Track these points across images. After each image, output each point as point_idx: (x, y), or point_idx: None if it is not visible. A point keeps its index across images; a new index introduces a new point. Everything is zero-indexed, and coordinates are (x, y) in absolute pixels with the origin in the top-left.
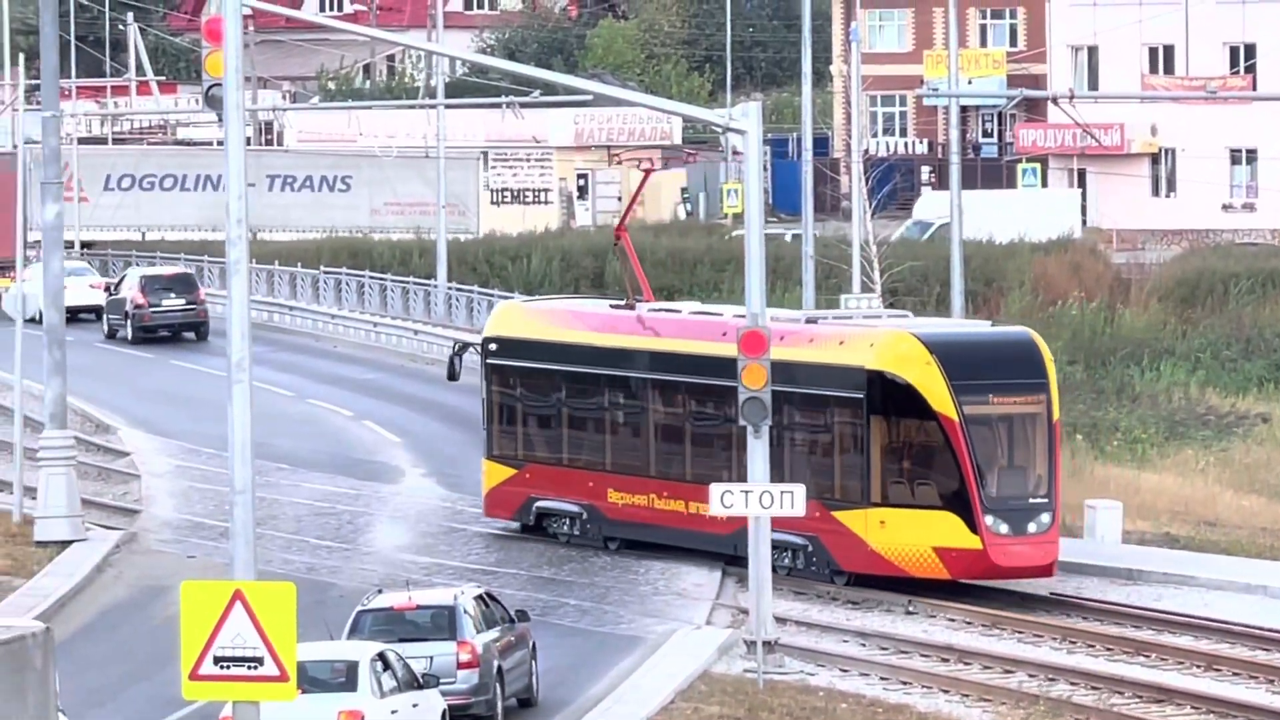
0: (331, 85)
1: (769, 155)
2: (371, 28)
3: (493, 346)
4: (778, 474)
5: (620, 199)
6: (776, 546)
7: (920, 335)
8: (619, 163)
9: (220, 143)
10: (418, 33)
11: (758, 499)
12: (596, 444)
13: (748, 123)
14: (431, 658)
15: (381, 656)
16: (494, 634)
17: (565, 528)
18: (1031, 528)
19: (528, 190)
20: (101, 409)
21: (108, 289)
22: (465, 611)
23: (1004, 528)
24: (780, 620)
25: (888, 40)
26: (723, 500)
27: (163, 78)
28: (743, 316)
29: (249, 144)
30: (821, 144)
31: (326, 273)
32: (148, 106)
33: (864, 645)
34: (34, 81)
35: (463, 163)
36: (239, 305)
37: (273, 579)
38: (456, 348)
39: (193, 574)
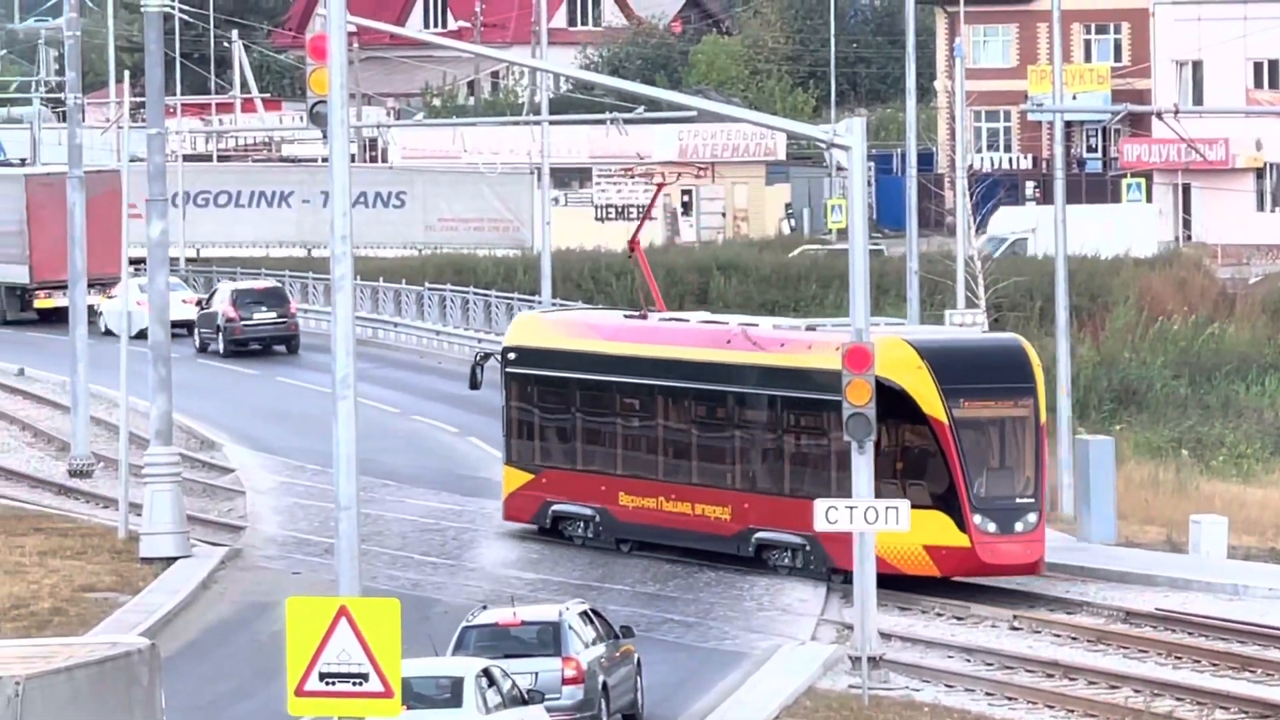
0: (436, 102)
1: (873, 171)
2: (476, 44)
3: (512, 356)
4: (776, 477)
5: (724, 214)
6: (776, 546)
7: (912, 341)
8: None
9: (324, 160)
10: (521, 49)
11: (862, 515)
12: (608, 449)
13: (852, 138)
14: (536, 673)
15: (486, 672)
16: (599, 650)
17: (579, 530)
18: (1018, 527)
19: (631, 206)
20: (206, 425)
21: (199, 304)
22: (570, 627)
23: (991, 527)
24: (885, 636)
25: (992, 55)
26: (827, 516)
27: (267, 95)
28: (750, 324)
29: (353, 161)
30: (926, 160)
31: (430, 289)
32: (252, 124)
33: (969, 660)
34: (139, 99)
35: (516, 177)
36: (343, 321)
37: (378, 595)
38: (478, 357)
39: (298, 590)
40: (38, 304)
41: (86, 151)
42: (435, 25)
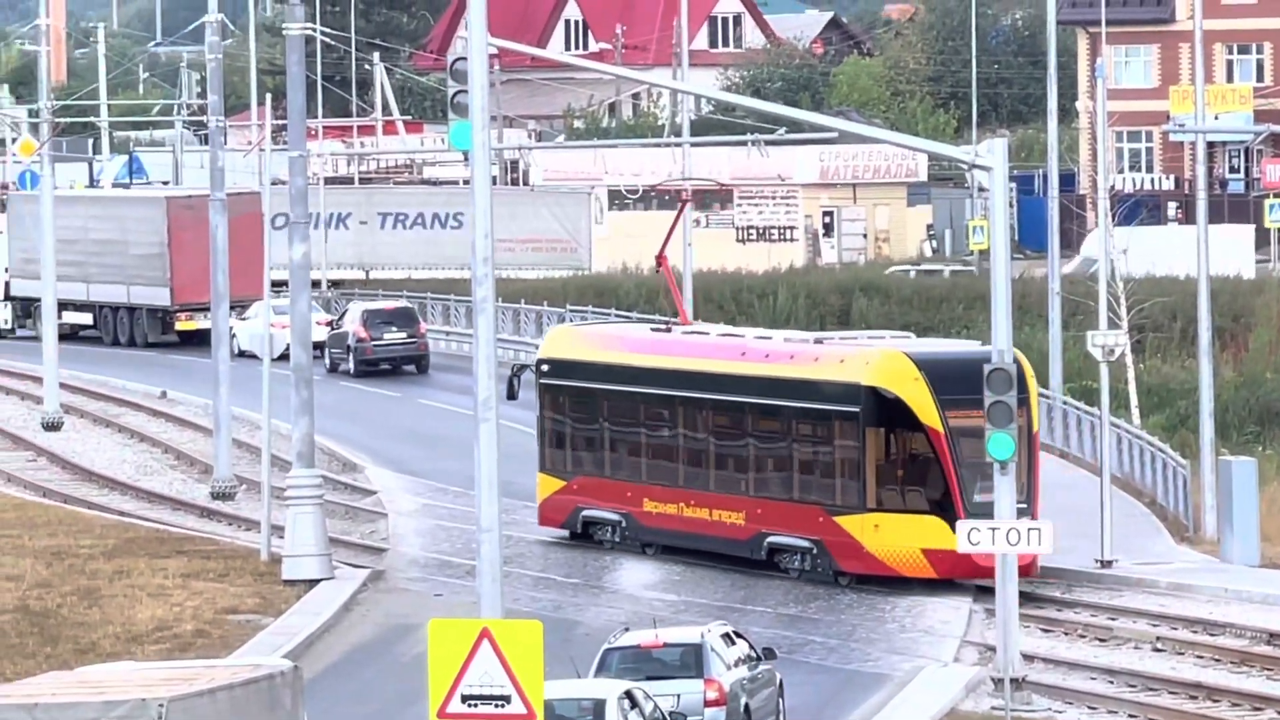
0: (578, 124)
1: (1014, 192)
2: (617, 66)
3: (545, 367)
4: (785, 483)
5: (865, 235)
6: (786, 550)
7: (910, 354)
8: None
9: (466, 182)
10: (663, 71)
11: (1004, 536)
12: (633, 457)
13: (993, 159)
14: (679, 695)
15: (629, 695)
16: (741, 671)
17: (607, 535)
18: None
19: (773, 227)
20: (348, 447)
21: (330, 324)
22: (713, 649)
23: None
24: (1027, 657)
25: (1133, 76)
26: (969, 537)
27: (408, 117)
28: (767, 338)
29: (494, 183)
30: (1067, 180)
31: (572, 310)
32: (393, 146)
33: (1111, 682)
34: (280, 121)
35: (574, 197)
36: (485, 344)
37: (520, 617)
38: (515, 369)
39: (440, 612)
40: (179, 326)
41: (228, 174)
42: (576, 47)
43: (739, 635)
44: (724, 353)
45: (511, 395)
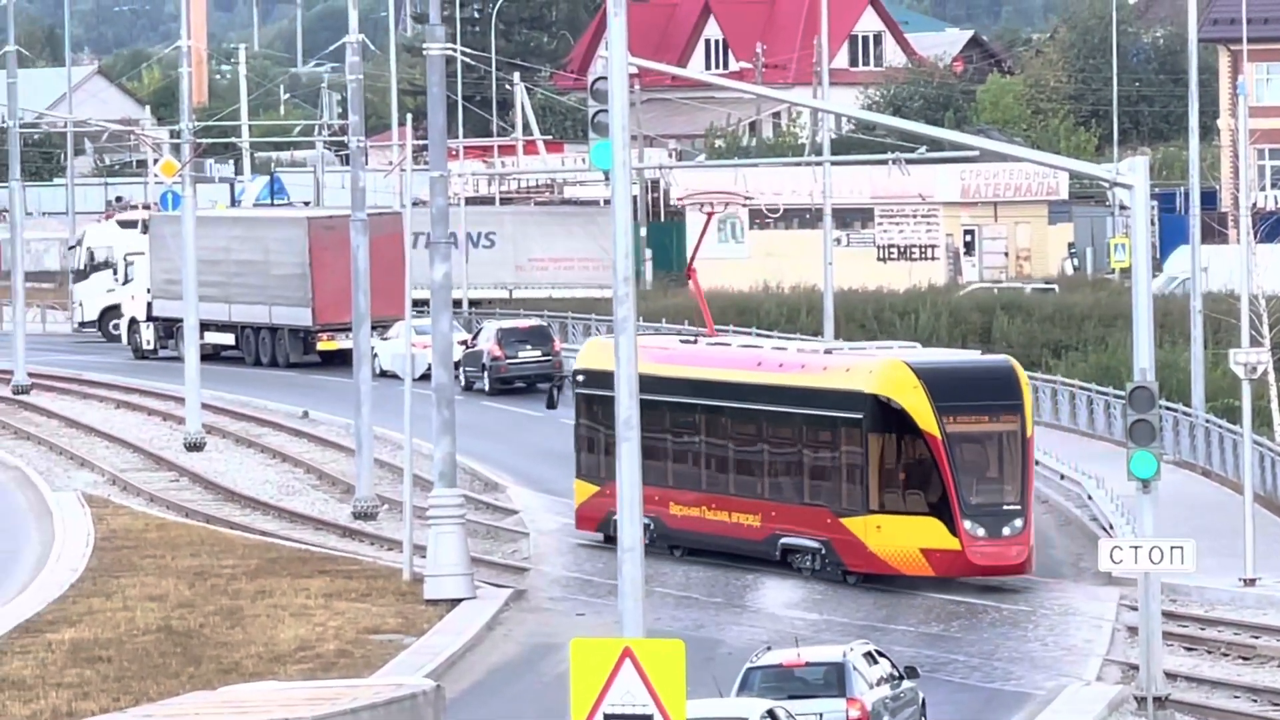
0: (719, 143)
1: (1156, 210)
2: (757, 85)
3: (580, 378)
4: (796, 486)
5: (1007, 254)
6: (796, 550)
7: (911, 363)
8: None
9: (607, 201)
10: (803, 90)
11: (1147, 555)
12: (660, 463)
13: (1134, 177)
14: (821, 714)
15: (771, 714)
16: (883, 690)
17: None
18: (1006, 531)
19: (914, 246)
20: (489, 466)
21: (464, 343)
22: (855, 668)
23: (981, 531)
24: (1170, 676)
25: (1275, 93)
26: (1111, 556)
27: (549, 136)
28: (782, 349)
29: (635, 203)
30: (1209, 198)
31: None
32: (534, 165)
33: (1255, 701)
34: (421, 141)
35: (607, 215)
36: (627, 363)
37: (662, 636)
38: (556, 380)
39: (582, 631)
40: (320, 346)
41: (369, 194)
42: (717, 66)
43: (881, 654)
44: (742, 363)
45: (551, 405)
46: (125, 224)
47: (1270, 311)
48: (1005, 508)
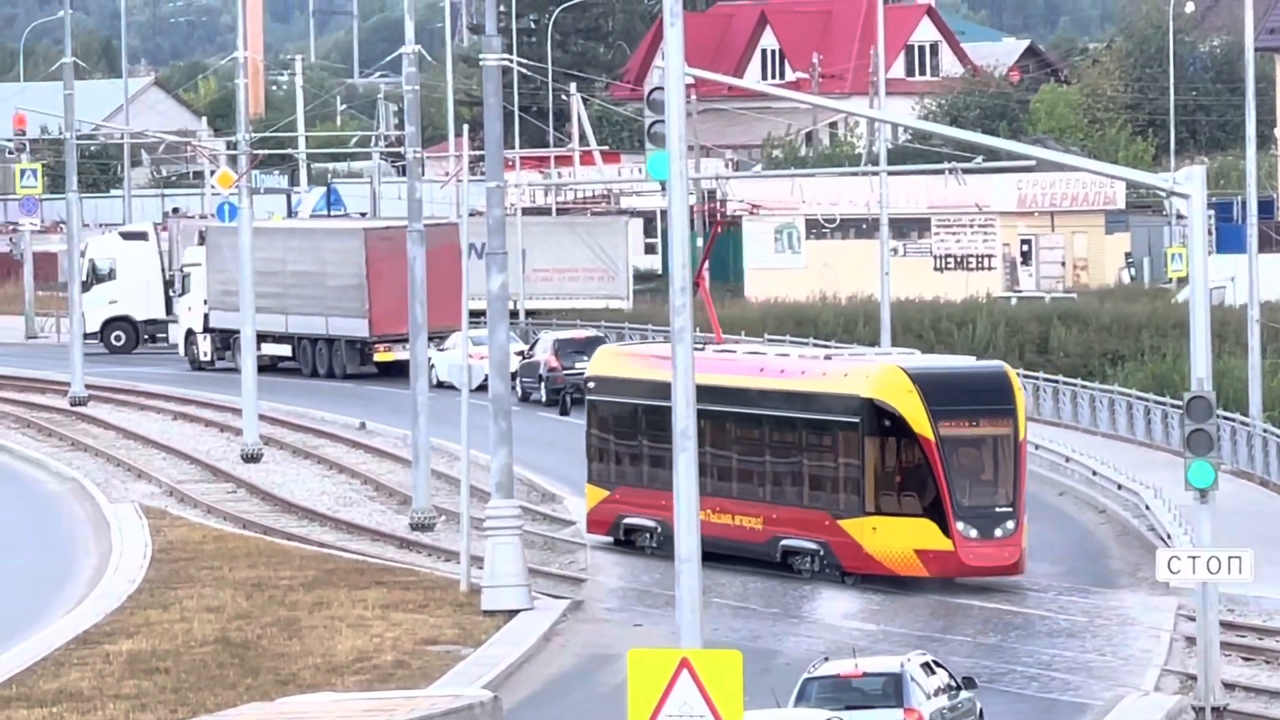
0: (775, 153)
1: (1213, 219)
2: (814, 95)
3: (591, 385)
4: (797, 490)
5: (1064, 263)
6: (797, 552)
7: (906, 368)
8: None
9: (664, 212)
10: (859, 99)
11: (1205, 564)
12: (667, 469)
13: (1191, 186)
14: None
15: None
16: (941, 701)
17: (646, 541)
18: (997, 532)
19: (971, 256)
20: (546, 477)
21: (521, 354)
22: (912, 678)
23: (973, 532)
24: (1229, 686)
25: None
26: (1169, 566)
27: (605, 147)
28: (785, 355)
29: (691, 213)
30: (1266, 207)
31: (771, 340)
32: (591, 176)
33: None
34: (478, 152)
35: (610, 226)
36: (683, 373)
37: (719, 647)
38: (568, 388)
39: (639, 642)
40: (377, 357)
41: (426, 205)
42: (773, 76)
43: (939, 664)
44: (745, 369)
45: (563, 412)
46: (128, 236)
47: None
48: (997, 510)
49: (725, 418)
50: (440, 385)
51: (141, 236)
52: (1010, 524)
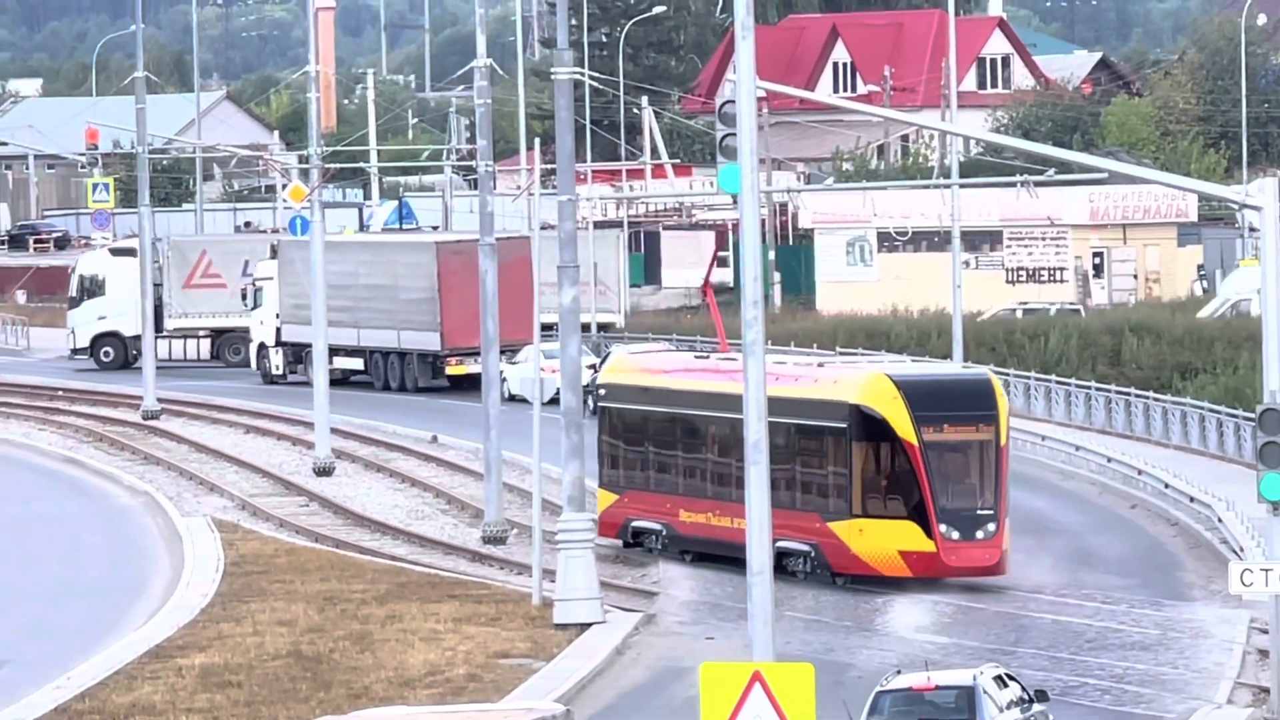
0: (847, 166)
1: None
2: (885, 108)
3: (602, 391)
4: (790, 493)
5: (1136, 276)
6: (789, 554)
7: (892, 375)
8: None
9: (735, 224)
10: (931, 112)
11: (1278, 577)
12: (672, 472)
13: (1264, 198)
14: None
15: None
16: (1014, 714)
17: (652, 542)
18: (979, 534)
19: (1043, 269)
20: None
21: (593, 368)
22: (985, 691)
23: (955, 534)
24: None
25: None
26: (1242, 579)
27: (677, 160)
28: (782, 363)
29: (763, 226)
30: None
31: (842, 353)
32: (662, 189)
33: None
34: (549, 166)
35: (604, 239)
36: (755, 386)
37: (791, 660)
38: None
39: (711, 655)
40: (449, 371)
41: (497, 219)
42: (845, 90)
43: (1011, 677)
44: (738, 375)
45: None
46: (117, 252)
47: None
48: (979, 512)
49: (727, 423)
50: (512, 398)
51: (130, 253)
52: (991, 526)
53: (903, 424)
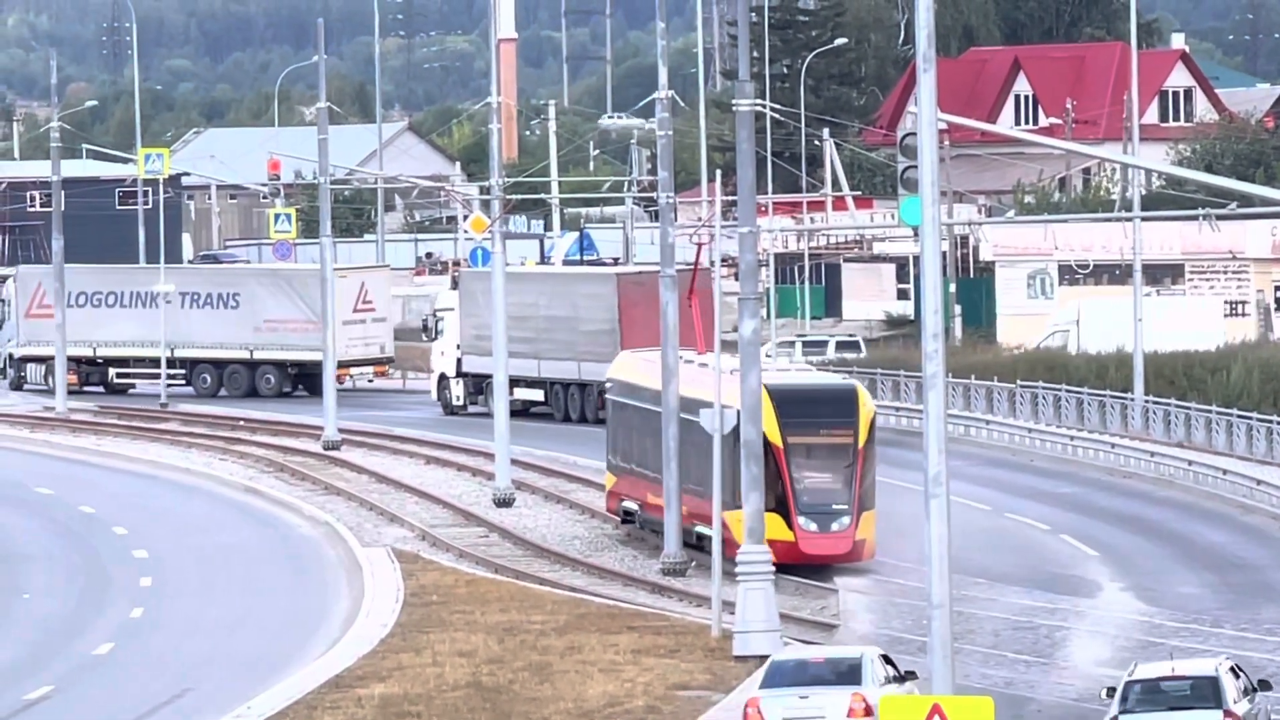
0: (1028, 198)
1: None
2: (1067, 141)
3: (608, 385)
4: (706, 484)
5: None
6: (705, 538)
7: (768, 384)
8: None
9: (916, 257)
10: (1113, 145)
11: None
12: (645, 460)
13: None
14: None
15: None
16: (1245, 704)
17: (634, 520)
18: (834, 526)
19: (1225, 302)
20: None
21: None
22: (1224, 680)
23: (812, 526)
24: None
25: None
26: None
27: (858, 192)
28: (768, 370)
29: (944, 259)
30: None
31: (1023, 386)
32: (843, 221)
33: None
34: (730, 197)
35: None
36: (935, 419)
37: (971, 693)
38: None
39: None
40: None
41: (678, 250)
42: (1026, 122)
43: (1239, 669)
44: (697, 381)
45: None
46: None
47: None
48: (834, 507)
49: (687, 425)
50: None
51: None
52: (845, 519)
53: (770, 428)
